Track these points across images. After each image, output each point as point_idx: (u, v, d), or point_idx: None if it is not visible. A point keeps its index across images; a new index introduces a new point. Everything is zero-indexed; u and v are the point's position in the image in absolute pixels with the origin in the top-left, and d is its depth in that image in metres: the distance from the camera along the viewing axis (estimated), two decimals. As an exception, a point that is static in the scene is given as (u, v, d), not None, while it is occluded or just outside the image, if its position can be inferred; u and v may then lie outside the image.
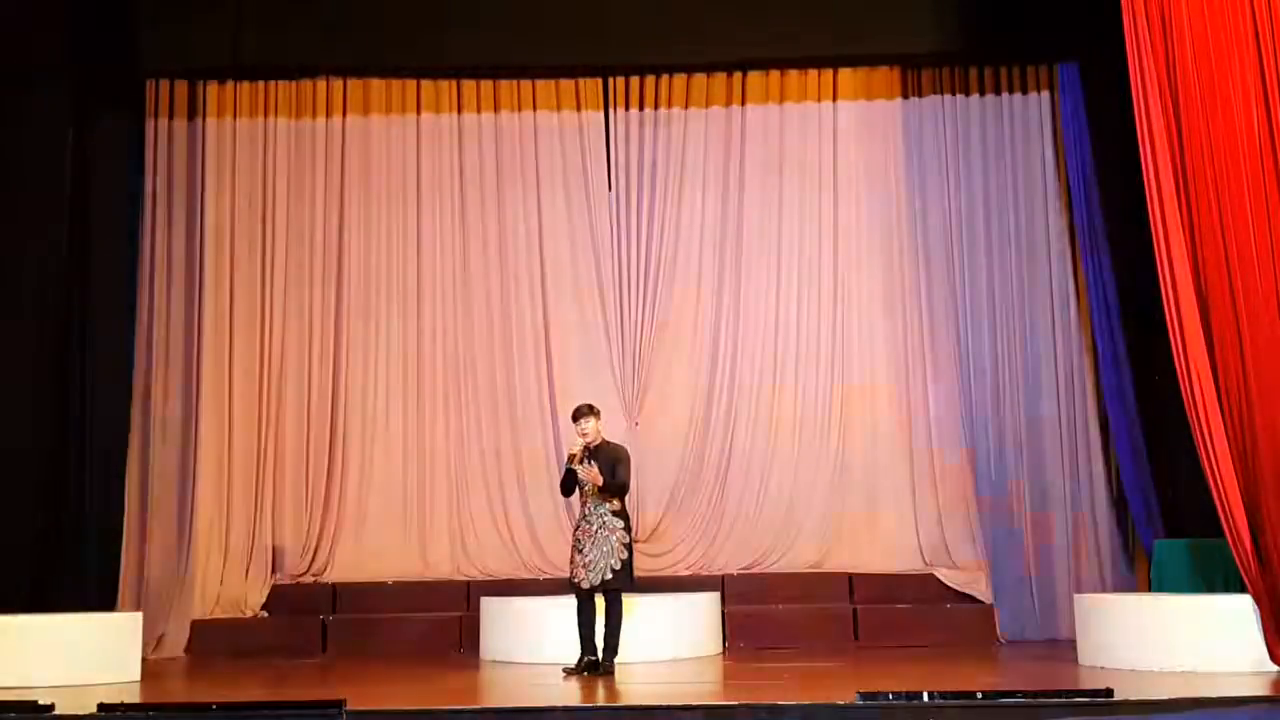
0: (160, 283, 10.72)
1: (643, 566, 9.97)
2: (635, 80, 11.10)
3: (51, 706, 6.27)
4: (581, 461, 7.95)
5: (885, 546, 10.55)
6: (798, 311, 10.95)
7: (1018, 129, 10.90)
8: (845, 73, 11.08)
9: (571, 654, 8.00)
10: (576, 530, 8.06)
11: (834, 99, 11.10)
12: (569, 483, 8.11)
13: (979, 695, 6.20)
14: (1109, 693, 6.21)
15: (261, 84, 11.04)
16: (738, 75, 11.09)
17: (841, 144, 11.06)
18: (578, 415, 8.06)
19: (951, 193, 10.83)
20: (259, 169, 11.00)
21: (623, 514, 7.99)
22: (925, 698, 6.07)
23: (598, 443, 8.03)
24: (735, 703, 6.33)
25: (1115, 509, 10.39)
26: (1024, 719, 5.99)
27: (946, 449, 10.61)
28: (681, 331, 10.97)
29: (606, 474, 7.88)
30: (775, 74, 11.09)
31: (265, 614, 10.23)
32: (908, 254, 10.86)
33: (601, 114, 11.15)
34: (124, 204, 10.61)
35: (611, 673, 7.82)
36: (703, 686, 7.71)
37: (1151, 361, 9.94)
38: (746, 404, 10.86)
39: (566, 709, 6.37)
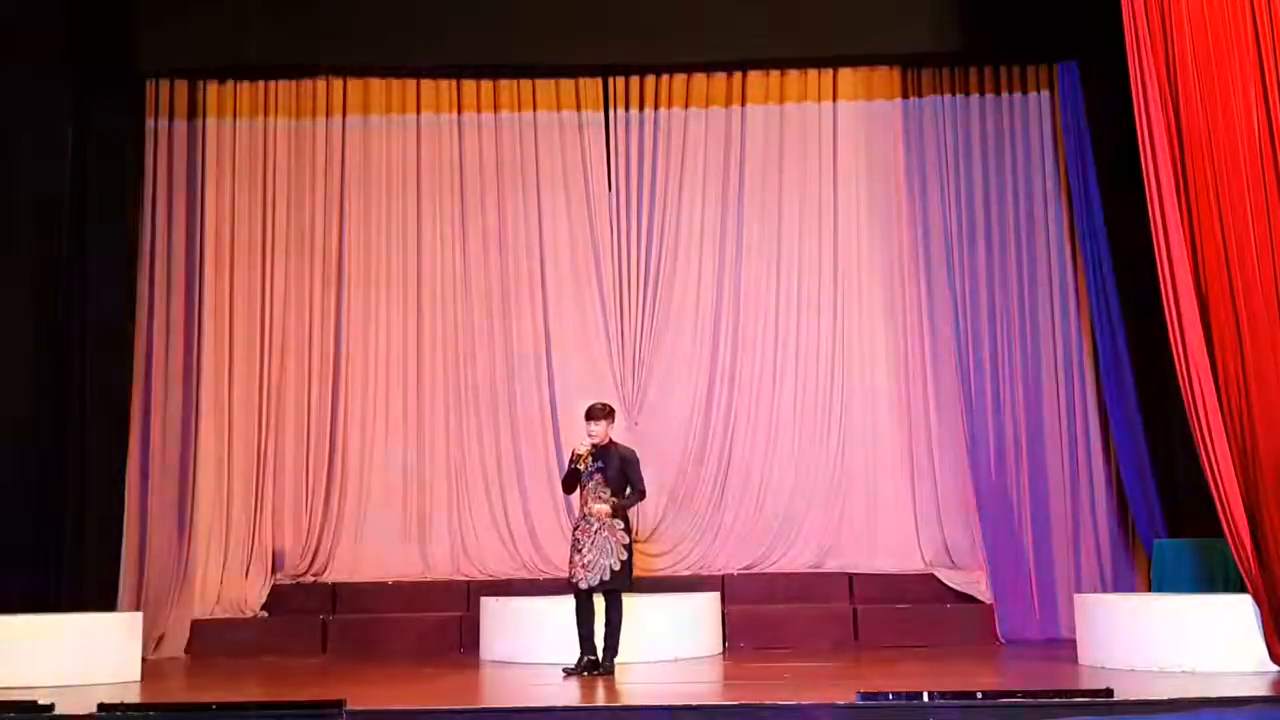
0: (160, 283, 10.72)
1: (643, 566, 10.00)
2: (635, 80, 11.11)
3: (51, 706, 6.27)
4: (586, 461, 7.97)
5: (885, 546, 10.56)
6: (798, 311, 10.95)
7: (1018, 129, 10.89)
8: (845, 73, 11.08)
9: (571, 654, 8.00)
10: (576, 530, 8.07)
11: (834, 99, 11.11)
12: (571, 480, 8.13)
13: (979, 695, 6.19)
14: (1109, 693, 6.20)
15: (261, 84, 11.04)
16: (738, 75, 11.09)
17: (841, 144, 11.07)
18: (594, 415, 8.03)
19: (951, 192, 10.82)
20: (259, 169, 11.00)
21: (622, 514, 8.01)
22: (925, 698, 6.06)
23: (605, 443, 8.04)
24: (735, 703, 6.33)
25: (1115, 509, 10.38)
26: (1024, 719, 5.99)
27: (946, 449, 10.61)
28: (681, 331, 10.97)
29: (616, 484, 7.92)
30: (775, 74, 11.09)
31: (265, 614, 10.23)
32: (908, 254, 10.86)
33: (601, 114, 11.15)
34: (124, 204, 10.59)
35: (611, 673, 7.82)
36: (703, 686, 7.70)
37: (1152, 361, 9.94)
38: (746, 403, 10.86)
39: (566, 709, 6.37)
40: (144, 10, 10.43)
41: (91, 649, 7.99)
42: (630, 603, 8.31)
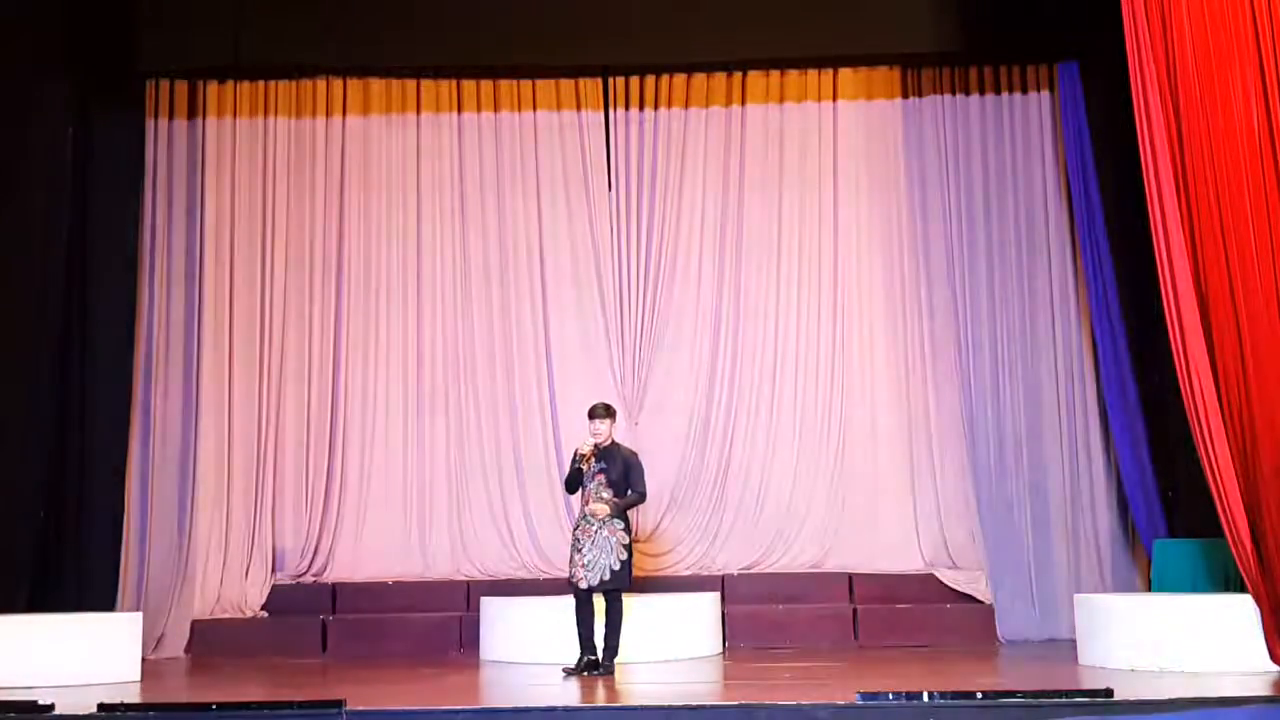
0: (160, 283, 10.72)
1: (643, 566, 10.02)
2: (635, 80, 11.11)
3: (51, 706, 6.28)
4: (589, 461, 7.97)
5: (885, 546, 10.56)
6: (798, 311, 10.96)
7: (1018, 129, 10.89)
8: (845, 73, 11.09)
9: (571, 654, 8.01)
10: (576, 530, 8.08)
11: (834, 99, 11.12)
12: (574, 480, 8.14)
13: (979, 695, 6.20)
14: (1109, 693, 6.21)
15: (261, 84, 11.05)
16: (738, 75, 11.10)
17: (841, 144, 11.07)
18: (595, 414, 8.07)
19: (951, 192, 10.81)
20: (259, 169, 11.00)
21: (622, 514, 8.01)
22: (925, 698, 6.07)
23: (607, 444, 8.05)
24: (735, 703, 6.33)
25: (1115, 509, 10.39)
26: (1024, 719, 5.99)
27: (946, 449, 10.62)
28: (681, 331, 10.98)
29: (619, 485, 7.97)
30: (775, 74, 11.10)
31: (265, 614, 10.23)
32: (908, 254, 10.87)
33: (601, 114, 11.15)
34: (124, 204, 10.59)
35: (611, 673, 7.83)
36: (703, 686, 7.70)
37: (1152, 361, 9.95)
38: (746, 404, 10.87)
39: (566, 709, 6.37)
40: (144, 11, 10.43)
41: (91, 649, 8.00)
42: (630, 603, 8.32)
